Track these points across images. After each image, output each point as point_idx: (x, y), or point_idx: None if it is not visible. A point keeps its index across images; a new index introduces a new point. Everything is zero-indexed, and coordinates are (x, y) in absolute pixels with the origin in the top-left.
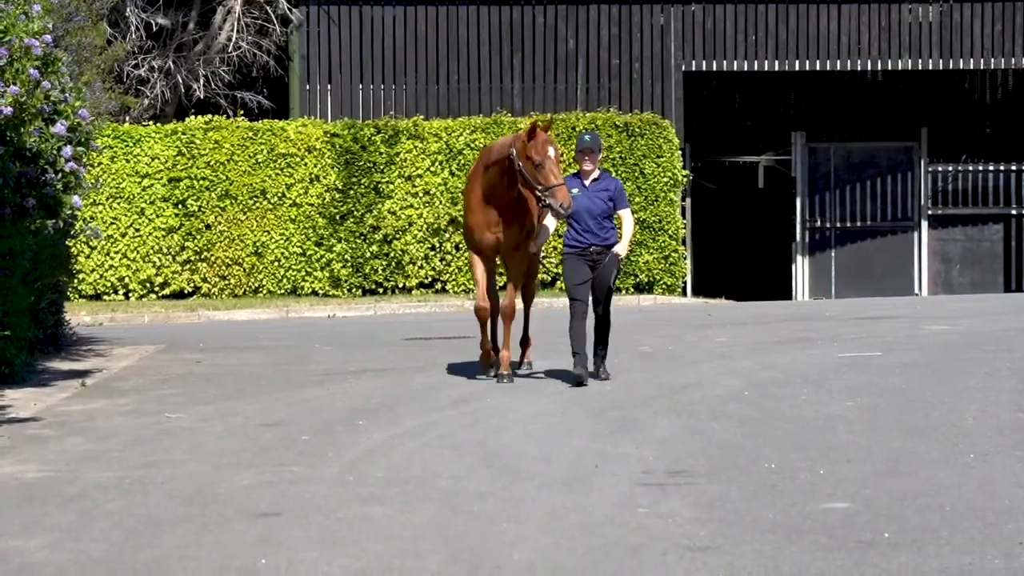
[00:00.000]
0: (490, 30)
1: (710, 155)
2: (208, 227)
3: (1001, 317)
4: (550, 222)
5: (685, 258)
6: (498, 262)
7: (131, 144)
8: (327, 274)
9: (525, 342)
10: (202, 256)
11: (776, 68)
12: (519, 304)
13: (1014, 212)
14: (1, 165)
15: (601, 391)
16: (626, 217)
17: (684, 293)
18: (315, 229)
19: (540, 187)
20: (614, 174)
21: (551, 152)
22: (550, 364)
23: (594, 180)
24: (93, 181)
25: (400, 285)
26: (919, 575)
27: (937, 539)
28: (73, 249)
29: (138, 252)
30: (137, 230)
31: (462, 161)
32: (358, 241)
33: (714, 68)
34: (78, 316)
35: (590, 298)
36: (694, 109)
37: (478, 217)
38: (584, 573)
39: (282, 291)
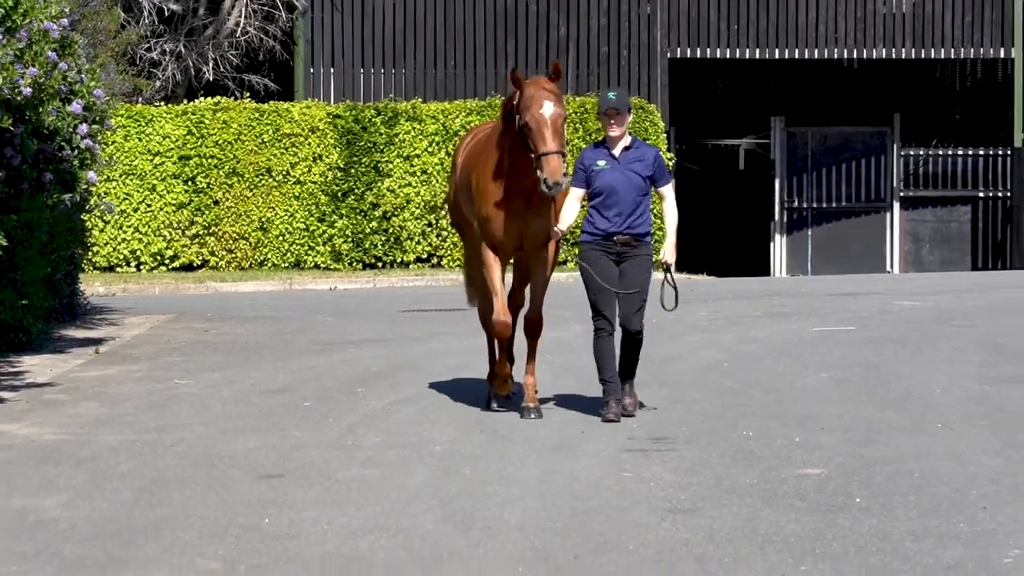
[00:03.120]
0: (485, 17)
1: (694, 138)
2: (216, 203)
3: (968, 294)
4: (572, 202)
5: None
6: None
7: (143, 124)
8: (329, 249)
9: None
10: (210, 231)
11: (757, 56)
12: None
13: (981, 194)
14: (20, 142)
15: (590, 362)
16: (668, 198)
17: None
18: (318, 206)
19: (533, 155)
20: None
21: (545, 109)
22: (551, 335)
23: (625, 149)
24: (107, 159)
25: (398, 260)
26: (888, 537)
27: (905, 503)
28: (88, 223)
29: (149, 226)
30: (148, 205)
31: (458, 142)
32: (358, 217)
33: (698, 55)
34: (92, 287)
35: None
36: (679, 94)
37: (495, 202)
38: (571, 533)
39: (286, 264)
